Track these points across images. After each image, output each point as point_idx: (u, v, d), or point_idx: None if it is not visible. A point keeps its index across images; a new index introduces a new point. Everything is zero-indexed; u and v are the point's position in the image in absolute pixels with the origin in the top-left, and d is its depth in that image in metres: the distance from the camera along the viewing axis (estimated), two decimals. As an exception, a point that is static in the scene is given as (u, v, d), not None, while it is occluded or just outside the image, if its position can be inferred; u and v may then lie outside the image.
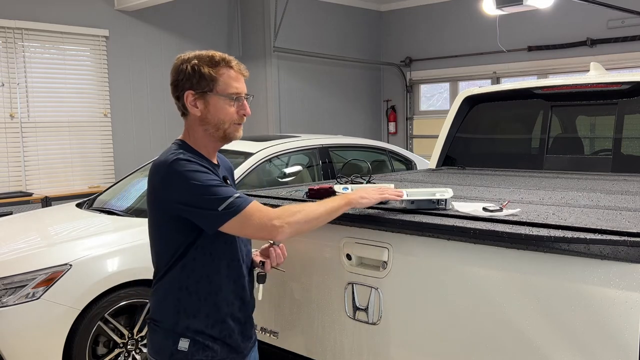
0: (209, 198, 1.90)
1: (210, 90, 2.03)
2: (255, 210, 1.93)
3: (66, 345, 3.68)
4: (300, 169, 5.49)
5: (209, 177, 1.94)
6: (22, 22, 7.01)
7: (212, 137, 2.08)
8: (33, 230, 4.64)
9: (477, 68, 9.62)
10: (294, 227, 1.98)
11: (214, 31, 8.91)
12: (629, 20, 7.93)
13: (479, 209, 2.21)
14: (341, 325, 2.48)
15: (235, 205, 1.90)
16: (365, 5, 10.36)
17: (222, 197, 1.90)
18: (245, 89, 2.09)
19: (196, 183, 1.91)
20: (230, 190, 1.95)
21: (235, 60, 2.09)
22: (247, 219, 1.91)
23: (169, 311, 2.04)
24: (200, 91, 2.03)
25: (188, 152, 2.03)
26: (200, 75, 2.02)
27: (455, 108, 4.37)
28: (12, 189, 7.01)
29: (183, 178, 1.92)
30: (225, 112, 2.05)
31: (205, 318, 2.04)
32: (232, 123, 2.07)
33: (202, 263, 2.02)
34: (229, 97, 2.04)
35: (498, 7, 5.83)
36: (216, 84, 2.03)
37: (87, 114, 7.65)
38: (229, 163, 2.35)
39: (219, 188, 1.93)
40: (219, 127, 2.06)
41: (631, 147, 3.75)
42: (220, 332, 2.06)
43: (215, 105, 2.04)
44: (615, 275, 1.75)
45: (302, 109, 9.54)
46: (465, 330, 2.09)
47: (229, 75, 2.05)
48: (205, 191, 1.91)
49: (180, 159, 1.95)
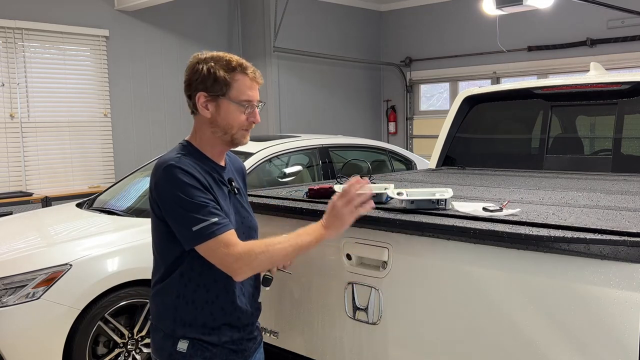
0: (187, 215, 1.88)
1: (223, 95, 2.01)
2: (222, 244, 1.88)
3: (66, 345, 3.68)
4: (300, 169, 5.49)
5: (195, 193, 1.90)
6: (22, 22, 7.01)
7: (219, 140, 2.06)
8: (33, 230, 4.64)
9: (477, 68, 9.62)
10: (255, 269, 1.98)
11: (214, 31, 8.91)
12: (629, 20, 7.93)
13: (479, 209, 2.21)
14: (341, 325, 2.48)
15: (207, 231, 1.87)
16: (365, 5, 10.36)
17: (199, 218, 1.87)
18: (257, 97, 2.07)
19: (181, 196, 1.89)
20: (210, 212, 1.90)
21: (252, 67, 2.06)
22: (212, 250, 1.90)
23: (167, 319, 2.04)
24: (213, 94, 2.01)
25: (189, 156, 2.01)
26: (215, 79, 1.99)
27: (455, 108, 4.37)
28: (12, 189, 7.01)
29: (171, 186, 1.91)
30: (235, 118, 2.03)
31: (202, 327, 2.02)
32: (240, 129, 2.06)
33: (200, 271, 2.00)
34: (241, 104, 2.02)
35: (498, 7, 5.83)
36: (230, 89, 2.01)
37: (87, 114, 7.64)
38: (240, 164, 2.31)
39: (201, 207, 1.89)
40: (226, 132, 2.04)
41: (631, 147, 3.75)
42: (219, 338, 2.04)
43: (226, 110, 2.02)
44: (615, 275, 1.75)
45: (302, 109, 9.54)
46: (465, 330, 2.09)
47: (244, 82, 2.03)
48: (186, 207, 1.89)
49: (175, 166, 1.93)
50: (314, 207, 2.55)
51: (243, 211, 2.15)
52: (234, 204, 2.10)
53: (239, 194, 2.16)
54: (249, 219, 2.17)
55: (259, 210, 2.61)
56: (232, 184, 2.12)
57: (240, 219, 2.11)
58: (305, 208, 2.55)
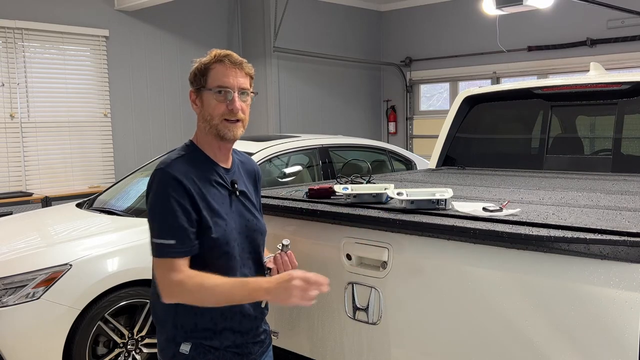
0: (154, 225, 1.91)
1: (203, 86, 2.02)
2: (168, 266, 1.88)
3: (66, 345, 3.68)
4: (300, 169, 5.49)
5: (171, 206, 1.88)
6: (22, 22, 7.01)
7: (208, 134, 2.03)
8: (33, 230, 4.64)
9: (477, 68, 9.62)
10: (182, 301, 1.94)
11: (214, 31, 8.91)
12: (629, 20, 7.93)
13: (479, 209, 2.21)
14: (341, 325, 2.48)
15: (159, 248, 1.89)
16: (365, 5, 10.36)
17: (162, 233, 1.89)
18: (237, 84, 2.01)
19: (158, 204, 1.91)
20: (174, 232, 1.88)
21: (233, 56, 2.03)
22: (158, 266, 1.91)
23: (168, 324, 2.03)
24: (197, 87, 2.04)
25: (189, 157, 2.00)
26: (196, 72, 2.03)
27: (455, 108, 4.37)
28: (12, 189, 7.01)
29: (153, 192, 1.93)
30: (212, 106, 2.00)
31: (203, 331, 2.01)
32: (222, 119, 2.00)
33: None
34: (215, 90, 2.00)
35: (498, 7, 5.83)
36: (207, 79, 2.01)
37: (87, 114, 7.64)
38: (253, 166, 2.26)
39: (168, 223, 1.88)
40: (210, 124, 2.01)
41: (631, 147, 3.75)
42: (220, 343, 2.03)
43: (207, 100, 2.02)
44: (615, 275, 1.75)
45: (302, 109, 9.54)
46: (465, 330, 2.09)
47: (218, 69, 2.01)
48: (157, 217, 1.91)
49: (165, 170, 1.93)
50: (314, 207, 2.55)
51: (247, 214, 2.10)
52: (237, 207, 2.07)
53: (244, 197, 2.11)
54: (254, 222, 2.12)
55: (259, 210, 2.61)
56: (234, 186, 2.08)
57: (244, 222, 2.07)
58: (305, 208, 2.55)
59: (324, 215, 2.47)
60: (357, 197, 2.54)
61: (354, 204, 2.52)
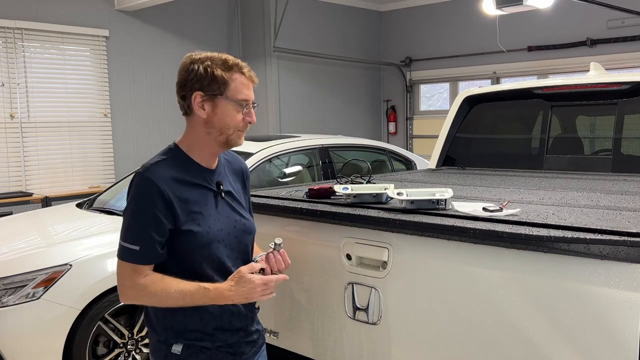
0: (124, 228, 1.94)
1: (221, 94, 1.97)
2: (130, 269, 1.92)
3: (66, 345, 3.68)
4: (300, 169, 5.49)
5: (145, 214, 1.89)
6: (22, 22, 7.01)
7: (214, 141, 2.01)
8: (33, 230, 4.64)
9: (477, 68, 9.62)
10: (140, 303, 1.99)
11: (214, 31, 8.91)
12: (629, 20, 7.93)
13: (479, 209, 2.21)
14: (341, 325, 2.48)
15: (122, 251, 1.93)
16: (365, 5, 10.36)
17: (128, 237, 1.92)
18: (253, 97, 2.04)
19: (131, 207, 1.93)
20: (141, 238, 1.90)
21: (247, 67, 2.04)
22: (121, 268, 1.95)
23: (158, 326, 2.03)
24: (209, 93, 1.97)
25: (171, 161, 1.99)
26: (213, 78, 1.96)
27: (455, 108, 4.37)
28: (12, 189, 7.01)
29: (131, 195, 1.94)
30: (231, 117, 2.00)
31: (193, 332, 2.01)
32: (237, 130, 2.02)
33: (184, 277, 1.95)
34: (238, 102, 1.99)
35: (498, 7, 5.83)
36: (227, 88, 1.98)
37: (87, 114, 7.64)
38: (240, 165, 2.25)
39: (137, 229, 1.91)
40: (222, 132, 2.00)
41: (631, 147, 3.75)
42: (212, 343, 2.03)
43: (223, 109, 1.98)
44: (615, 275, 1.75)
45: (302, 109, 9.54)
46: (465, 330, 2.09)
47: (241, 81, 2.00)
48: (128, 220, 1.93)
49: (144, 175, 1.93)
50: (314, 207, 2.54)
51: (235, 214, 2.08)
52: (223, 208, 2.05)
53: (230, 197, 2.10)
54: (242, 222, 2.10)
55: (259, 211, 2.61)
56: (220, 187, 2.06)
57: (231, 222, 2.06)
58: (305, 208, 2.55)
59: (324, 215, 2.47)
60: (357, 197, 2.54)
61: (354, 204, 2.52)
